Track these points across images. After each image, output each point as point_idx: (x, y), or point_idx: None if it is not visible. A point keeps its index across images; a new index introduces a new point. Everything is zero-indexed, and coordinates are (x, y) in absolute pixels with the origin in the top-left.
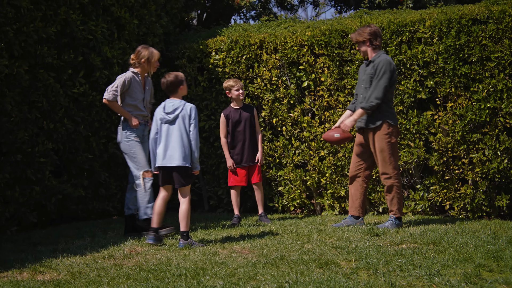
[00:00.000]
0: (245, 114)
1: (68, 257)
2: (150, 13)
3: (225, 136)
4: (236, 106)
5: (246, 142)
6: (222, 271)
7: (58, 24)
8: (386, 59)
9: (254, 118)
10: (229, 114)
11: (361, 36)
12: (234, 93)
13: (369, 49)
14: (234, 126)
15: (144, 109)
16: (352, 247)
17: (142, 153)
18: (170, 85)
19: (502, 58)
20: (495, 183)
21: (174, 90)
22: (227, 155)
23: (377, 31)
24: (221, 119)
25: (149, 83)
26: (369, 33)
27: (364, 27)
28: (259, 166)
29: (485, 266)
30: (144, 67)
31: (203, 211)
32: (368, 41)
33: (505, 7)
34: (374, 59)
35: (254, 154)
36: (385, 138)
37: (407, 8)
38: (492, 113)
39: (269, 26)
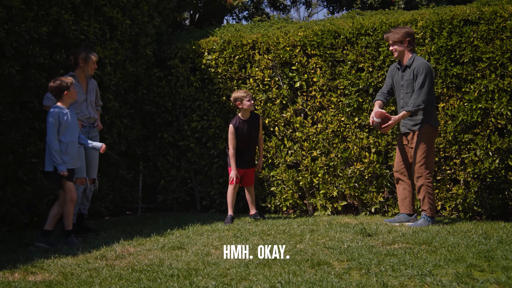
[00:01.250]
0: (252, 124)
1: (60, 257)
2: (142, 13)
3: (234, 148)
4: (244, 117)
5: (249, 147)
6: (214, 272)
7: (50, 24)
8: (425, 64)
9: (259, 126)
10: (238, 126)
11: (400, 36)
12: (245, 104)
13: (406, 50)
14: (241, 135)
15: (88, 111)
16: (344, 247)
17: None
18: (53, 91)
19: (493, 59)
20: (486, 183)
21: (59, 96)
22: (233, 166)
23: (413, 33)
24: (230, 131)
25: (93, 84)
26: (408, 33)
27: (401, 28)
28: (255, 171)
29: (476, 266)
30: (82, 68)
31: (195, 212)
32: (407, 42)
33: (496, 8)
34: (410, 63)
35: (253, 157)
36: (423, 139)
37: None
38: (483, 114)
39: (262, 27)
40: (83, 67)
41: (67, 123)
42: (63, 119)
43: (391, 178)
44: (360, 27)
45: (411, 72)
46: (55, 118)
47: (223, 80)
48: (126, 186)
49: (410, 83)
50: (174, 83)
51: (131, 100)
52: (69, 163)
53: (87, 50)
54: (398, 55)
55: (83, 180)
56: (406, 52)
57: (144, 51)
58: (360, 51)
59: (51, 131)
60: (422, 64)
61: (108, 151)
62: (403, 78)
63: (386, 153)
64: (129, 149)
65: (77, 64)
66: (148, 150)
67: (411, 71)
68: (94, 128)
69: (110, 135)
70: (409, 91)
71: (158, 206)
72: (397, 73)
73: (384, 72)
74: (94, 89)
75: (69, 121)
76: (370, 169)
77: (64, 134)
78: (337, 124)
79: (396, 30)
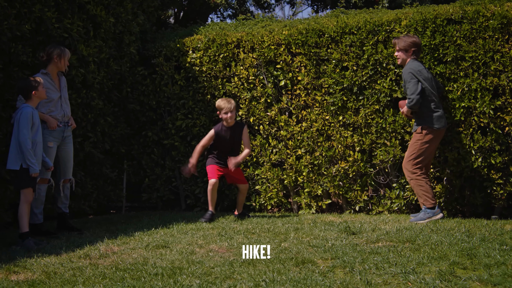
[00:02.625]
0: (236, 132)
1: (43, 256)
2: (126, 11)
3: (203, 146)
4: (227, 125)
5: (231, 152)
6: (199, 270)
7: (32, 22)
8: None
9: (243, 135)
10: (220, 132)
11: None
12: (222, 116)
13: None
14: (222, 141)
15: (63, 109)
16: (328, 246)
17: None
18: (21, 90)
19: (476, 58)
20: (469, 182)
21: (27, 96)
22: (193, 160)
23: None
24: (210, 133)
25: (64, 81)
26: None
27: (409, 36)
28: (240, 170)
29: (459, 263)
30: (56, 64)
31: (180, 210)
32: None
33: (479, 8)
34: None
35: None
36: (416, 138)
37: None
38: (466, 112)
39: (246, 25)
40: (57, 63)
41: (37, 123)
42: (35, 119)
43: (375, 177)
44: (344, 26)
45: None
46: (29, 118)
47: (207, 78)
48: (110, 185)
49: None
50: (159, 81)
51: (115, 98)
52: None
53: (59, 46)
54: (401, 62)
55: (45, 180)
56: (406, 60)
57: (128, 49)
58: (344, 50)
59: (26, 129)
60: (407, 69)
61: (92, 149)
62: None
63: (370, 151)
64: (113, 147)
65: (50, 60)
66: (132, 149)
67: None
68: (68, 127)
69: (94, 133)
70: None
71: (143, 205)
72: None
73: (369, 70)
74: (66, 86)
75: (38, 121)
76: (354, 168)
77: (34, 135)
78: (321, 123)
79: (404, 38)
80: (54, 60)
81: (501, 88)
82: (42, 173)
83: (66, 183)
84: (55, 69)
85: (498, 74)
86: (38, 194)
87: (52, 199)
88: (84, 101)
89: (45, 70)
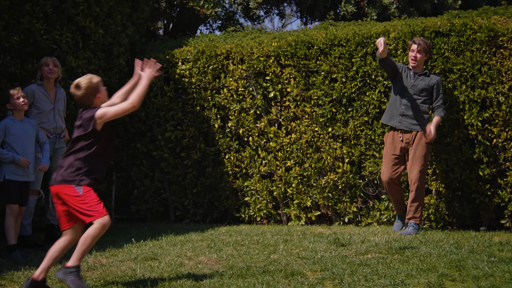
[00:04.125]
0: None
1: (31, 269)
2: (115, 23)
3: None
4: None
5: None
6: (187, 283)
7: (21, 33)
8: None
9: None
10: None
11: (428, 46)
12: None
13: (423, 61)
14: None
15: (55, 120)
16: (318, 257)
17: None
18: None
19: (464, 70)
20: (457, 193)
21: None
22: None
23: None
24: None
25: (61, 93)
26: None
27: (427, 41)
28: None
29: (448, 275)
30: (42, 74)
31: (169, 222)
32: (428, 55)
33: (466, 20)
34: (428, 74)
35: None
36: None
37: (372, 20)
38: (454, 124)
39: (236, 37)
40: (42, 72)
41: (18, 135)
42: (12, 130)
43: (364, 188)
44: (333, 38)
45: (430, 80)
46: (2, 129)
47: (197, 90)
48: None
49: (425, 89)
50: (148, 93)
51: None
52: (22, 175)
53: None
54: (418, 63)
55: (35, 191)
56: (422, 63)
57: (117, 61)
58: (333, 61)
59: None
60: (441, 81)
61: None
62: (416, 80)
63: (359, 163)
64: None
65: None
66: (121, 160)
67: (431, 80)
68: (61, 139)
69: None
70: (420, 97)
71: (131, 217)
72: (408, 74)
73: (358, 82)
74: (63, 99)
75: (21, 133)
76: (343, 179)
77: (16, 146)
78: (311, 134)
79: (426, 41)
80: (40, 70)
81: (489, 100)
82: (32, 184)
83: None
84: (46, 80)
85: (486, 87)
86: (27, 205)
87: (40, 211)
88: (73, 112)
89: (41, 81)
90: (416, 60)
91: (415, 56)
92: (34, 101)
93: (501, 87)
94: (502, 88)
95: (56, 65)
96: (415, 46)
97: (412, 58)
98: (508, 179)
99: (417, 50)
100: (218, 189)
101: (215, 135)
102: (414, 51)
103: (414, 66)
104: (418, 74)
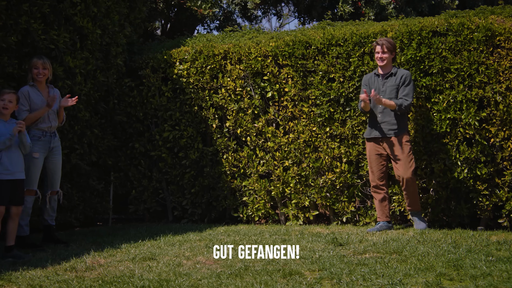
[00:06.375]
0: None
1: (29, 269)
2: (113, 23)
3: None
4: None
5: None
6: (186, 282)
7: (18, 33)
8: (410, 73)
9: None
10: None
11: (392, 46)
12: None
13: (391, 60)
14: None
15: (49, 120)
16: (316, 257)
17: (34, 170)
18: None
19: (461, 70)
20: (455, 193)
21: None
22: None
23: None
24: None
25: (55, 93)
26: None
27: (391, 39)
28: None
29: (445, 275)
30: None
31: (167, 222)
32: (394, 53)
33: (464, 20)
34: (395, 72)
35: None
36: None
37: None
38: (452, 124)
39: (233, 37)
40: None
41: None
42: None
43: (362, 188)
44: (331, 37)
45: (397, 79)
46: None
47: (194, 90)
48: (97, 197)
49: (394, 89)
50: (146, 93)
51: (102, 110)
52: (4, 173)
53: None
54: (386, 63)
55: (32, 191)
56: (390, 61)
57: (115, 61)
58: (331, 61)
59: None
60: (409, 74)
61: (78, 161)
62: (384, 85)
63: (357, 162)
64: (100, 159)
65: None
66: (119, 160)
67: (398, 78)
68: (55, 138)
69: (81, 145)
70: (393, 97)
71: (129, 217)
72: (376, 80)
73: (355, 82)
74: (58, 98)
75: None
76: (341, 179)
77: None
78: (308, 134)
79: (390, 40)
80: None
81: (486, 99)
82: (28, 184)
83: (54, 195)
84: (36, 81)
85: (483, 86)
86: (25, 206)
87: (38, 211)
88: (71, 112)
89: (32, 82)
90: (383, 60)
91: (381, 57)
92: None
93: (498, 86)
94: (499, 87)
95: (46, 68)
96: (379, 48)
97: (379, 59)
98: (505, 178)
99: (382, 51)
100: (216, 189)
101: (213, 135)
102: (379, 52)
103: (382, 66)
104: (385, 76)
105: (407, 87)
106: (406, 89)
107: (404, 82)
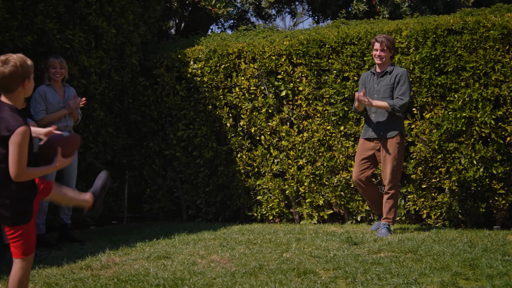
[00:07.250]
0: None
1: (45, 268)
2: (127, 22)
3: None
4: None
5: None
6: (200, 281)
7: (34, 33)
8: (406, 71)
9: None
10: None
11: (391, 44)
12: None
13: (389, 58)
14: None
15: (66, 119)
16: (330, 256)
17: None
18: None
19: (477, 68)
20: (471, 192)
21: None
22: None
23: None
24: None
25: (71, 92)
26: (394, 43)
27: (389, 36)
28: None
29: (461, 274)
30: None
31: (181, 221)
32: (393, 51)
33: (480, 18)
34: (391, 70)
35: None
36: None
37: (384, 18)
38: (468, 123)
39: (247, 36)
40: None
41: None
42: None
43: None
44: (345, 36)
45: (392, 78)
46: None
47: (209, 89)
48: (112, 196)
49: (389, 89)
50: (160, 92)
51: (117, 109)
52: None
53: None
54: (384, 61)
55: None
56: (389, 59)
57: (129, 60)
58: (345, 60)
59: None
60: (405, 72)
61: (93, 160)
62: (379, 84)
63: None
64: (115, 158)
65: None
66: (133, 159)
67: (392, 77)
68: None
69: (96, 144)
70: (386, 96)
71: (144, 216)
72: (372, 79)
73: None
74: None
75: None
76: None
77: None
78: (323, 133)
79: (390, 38)
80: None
81: (502, 98)
82: None
83: None
84: (53, 81)
85: (499, 84)
86: (41, 204)
87: (54, 210)
88: (86, 111)
89: (49, 81)
90: (381, 58)
91: (379, 55)
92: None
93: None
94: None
95: (63, 67)
96: (378, 45)
97: (377, 57)
98: None
99: (381, 48)
100: (230, 188)
101: (227, 134)
102: (377, 50)
103: (380, 64)
104: (380, 75)
105: (403, 86)
106: (402, 88)
107: (399, 81)
